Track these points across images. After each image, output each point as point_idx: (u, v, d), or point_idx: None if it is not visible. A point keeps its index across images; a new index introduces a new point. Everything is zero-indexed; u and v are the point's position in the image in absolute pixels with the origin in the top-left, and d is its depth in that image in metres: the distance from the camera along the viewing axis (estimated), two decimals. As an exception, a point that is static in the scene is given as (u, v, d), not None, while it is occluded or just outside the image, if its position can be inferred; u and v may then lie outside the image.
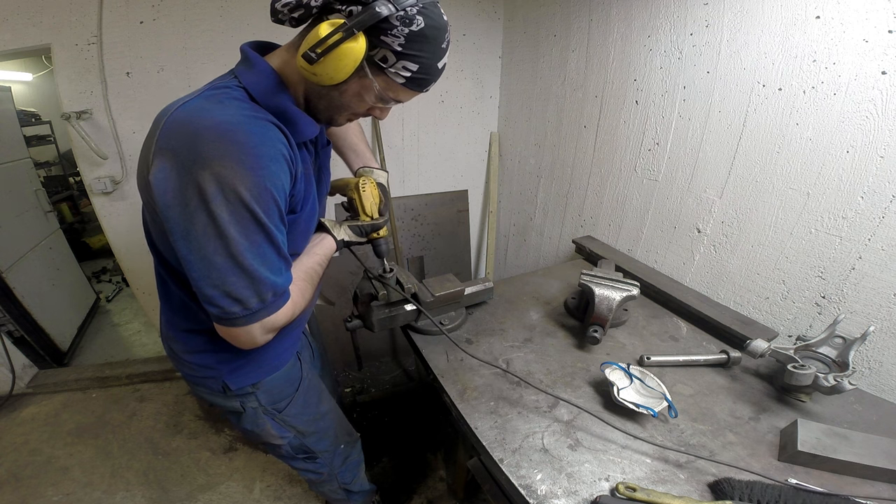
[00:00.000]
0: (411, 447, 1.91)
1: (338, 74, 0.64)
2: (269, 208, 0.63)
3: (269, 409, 0.97)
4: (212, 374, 0.89)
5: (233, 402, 0.94)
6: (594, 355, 1.13)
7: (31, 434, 1.94)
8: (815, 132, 1.10)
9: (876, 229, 1.02)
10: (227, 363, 0.89)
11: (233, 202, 0.60)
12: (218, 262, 0.62)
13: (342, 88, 0.69)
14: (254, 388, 0.93)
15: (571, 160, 1.93)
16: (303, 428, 1.05)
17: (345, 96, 0.71)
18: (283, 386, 0.99)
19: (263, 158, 0.62)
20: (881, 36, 0.95)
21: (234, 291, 0.64)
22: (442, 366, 1.08)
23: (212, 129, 0.59)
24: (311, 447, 1.09)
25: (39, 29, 1.55)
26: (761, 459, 0.83)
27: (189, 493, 1.70)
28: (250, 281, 0.65)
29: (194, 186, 0.58)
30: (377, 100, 0.72)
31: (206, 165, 0.58)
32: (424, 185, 2.43)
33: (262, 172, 0.61)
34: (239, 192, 0.59)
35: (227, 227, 0.60)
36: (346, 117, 0.77)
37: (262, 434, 1.01)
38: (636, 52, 1.52)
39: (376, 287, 1.08)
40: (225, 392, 0.91)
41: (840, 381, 0.87)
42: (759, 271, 1.28)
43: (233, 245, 0.62)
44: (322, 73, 0.64)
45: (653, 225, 1.59)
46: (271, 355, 0.94)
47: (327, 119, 0.77)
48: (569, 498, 0.75)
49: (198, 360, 0.89)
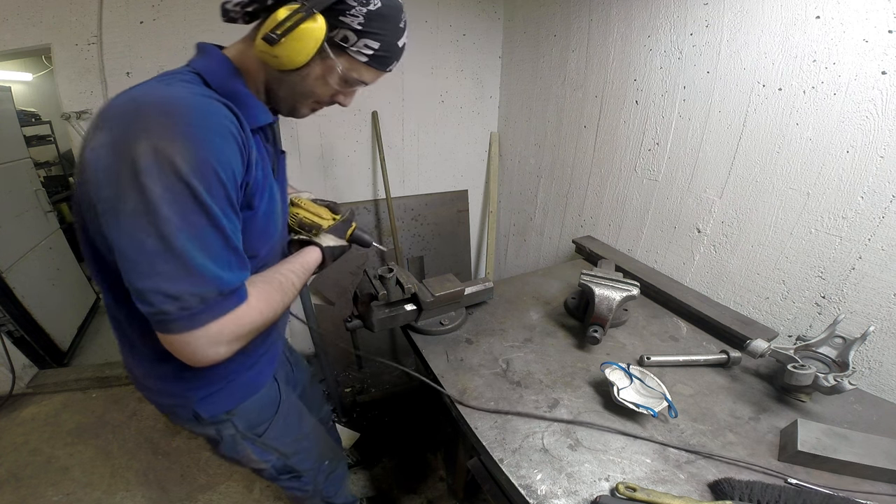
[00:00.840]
0: (411, 447, 1.91)
1: (299, 56, 0.63)
2: (211, 186, 0.56)
3: (247, 434, 0.90)
4: (180, 403, 0.81)
5: (208, 430, 0.86)
6: (594, 355, 1.13)
7: (31, 434, 1.94)
8: (815, 132, 1.10)
9: (876, 229, 1.02)
10: (195, 389, 0.80)
11: (167, 175, 0.53)
12: (148, 246, 0.54)
13: (304, 72, 0.68)
14: (228, 414, 0.86)
15: (571, 160, 1.93)
16: (285, 449, 1.00)
17: (308, 80, 0.69)
18: (261, 409, 0.92)
19: (207, 132, 0.56)
20: (881, 36, 0.95)
21: (167, 283, 0.55)
22: (442, 366, 1.08)
23: (153, 104, 0.56)
24: (295, 467, 1.04)
25: (39, 29, 1.55)
26: (761, 459, 0.83)
27: (189, 493, 1.70)
28: (186, 272, 0.55)
29: (128, 160, 0.52)
30: (341, 82, 0.71)
31: (141, 137, 0.53)
32: (424, 185, 2.43)
33: (205, 145, 0.55)
34: (175, 164, 0.53)
35: (160, 204, 0.53)
36: (310, 106, 0.76)
37: (242, 460, 0.95)
38: (636, 52, 1.52)
39: (376, 287, 1.08)
40: (198, 420, 0.83)
41: (840, 381, 0.87)
42: (759, 271, 1.28)
43: (164, 225, 0.53)
44: (283, 55, 0.63)
45: (653, 225, 1.59)
46: (246, 378, 0.87)
47: (290, 109, 0.75)
48: (569, 498, 0.75)
49: (162, 387, 0.80)
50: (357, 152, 2.18)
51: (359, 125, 2.12)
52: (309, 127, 2.00)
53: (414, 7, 2.01)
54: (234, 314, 0.61)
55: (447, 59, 2.18)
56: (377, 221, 2.36)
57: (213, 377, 0.81)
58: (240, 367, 0.84)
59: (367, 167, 2.24)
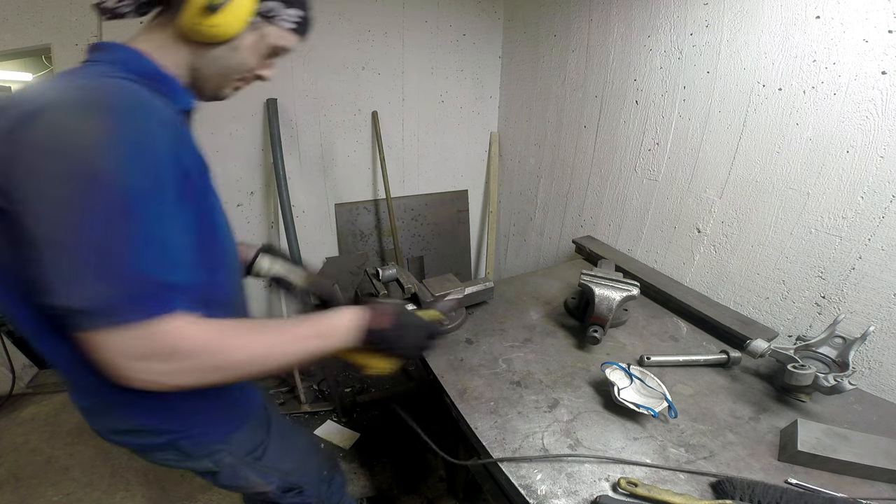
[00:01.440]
0: (411, 447, 1.91)
1: (237, 23, 0.64)
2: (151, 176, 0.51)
3: (246, 459, 0.85)
4: (163, 440, 0.73)
5: (203, 463, 0.79)
6: (594, 355, 1.13)
7: (31, 434, 1.94)
8: (815, 132, 1.10)
9: (876, 229, 1.02)
10: (180, 418, 0.72)
11: (101, 165, 0.48)
12: (61, 235, 0.48)
13: (235, 43, 0.67)
14: (224, 443, 0.79)
15: (571, 160, 1.93)
16: (285, 467, 0.96)
17: (239, 52, 0.69)
18: (254, 433, 0.88)
19: (130, 107, 0.53)
20: (881, 36, 0.95)
21: (76, 269, 0.48)
22: (442, 366, 1.08)
23: (50, 88, 0.52)
24: (297, 483, 1.00)
25: (39, 29, 1.55)
26: (761, 459, 0.83)
27: (189, 492, 1.69)
28: (101, 257, 0.49)
29: (25, 150, 0.48)
30: (269, 51, 0.72)
31: (70, 129, 0.49)
32: (424, 185, 2.43)
33: (140, 134, 0.52)
34: (108, 153, 0.49)
35: (93, 193, 0.48)
36: (235, 83, 0.75)
37: (246, 486, 0.89)
38: (636, 52, 1.52)
39: (377, 287, 1.08)
40: (190, 456, 0.76)
41: (840, 381, 0.87)
42: (759, 271, 1.28)
43: (86, 211, 0.48)
44: (223, 23, 0.63)
45: (653, 225, 1.59)
46: (233, 413, 0.82)
47: (216, 89, 0.74)
48: (569, 498, 0.75)
49: (138, 423, 0.70)
50: (357, 152, 2.18)
51: (359, 125, 2.12)
52: (309, 127, 2.01)
53: (414, 7, 2.01)
54: (159, 326, 0.51)
55: (447, 59, 2.18)
56: (377, 221, 2.36)
57: (201, 398, 0.73)
58: (225, 393, 0.79)
59: (367, 167, 2.24)
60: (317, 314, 0.68)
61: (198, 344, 0.54)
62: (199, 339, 0.55)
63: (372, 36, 1.98)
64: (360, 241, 2.35)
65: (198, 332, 0.55)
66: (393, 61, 2.07)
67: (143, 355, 0.51)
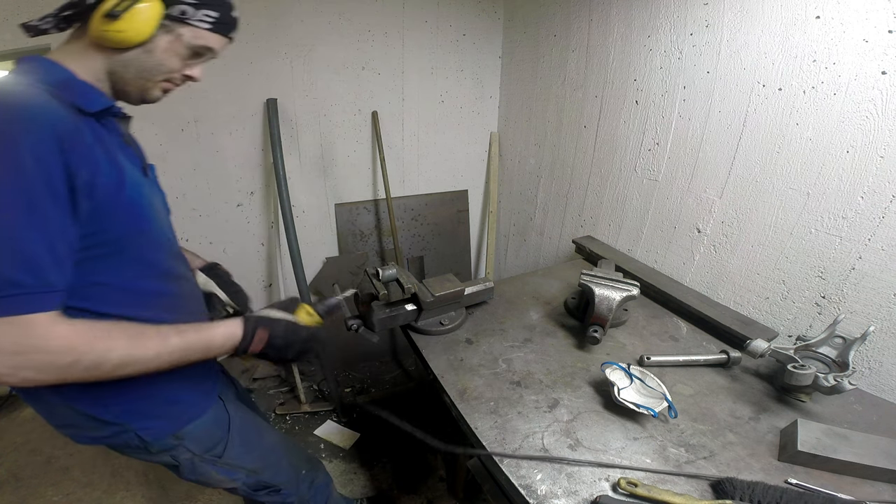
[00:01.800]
0: (411, 447, 1.91)
1: (145, 27, 0.65)
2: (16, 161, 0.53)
3: (205, 456, 0.88)
4: (119, 430, 0.77)
5: (163, 457, 0.83)
6: (594, 355, 1.13)
7: (31, 434, 1.94)
8: (815, 132, 1.10)
9: (876, 229, 1.02)
10: (131, 415, 0.77)
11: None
12: None
13: (150, 47, 0.68)
14: (176, 438, 0.82)
15: (571, 160, 1.93)
16: (252, 466, 0.97)
17: (155, 54, 0.70)
18: (212, 430, 0.89)
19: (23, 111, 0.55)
20: (881, 36, 0.95)
21: None
22: (442, 366, 1.08)
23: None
24: (269, 482, 1.02)
25: (39, 29, 1.55)
26: (761, 459, 0.83)
27: (189, 492, 1.69)
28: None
29: None
30: (189, 52, 0.73)
31: None
32: (424, 185, 2.43)
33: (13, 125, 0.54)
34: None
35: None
36: (161, 85, 0.75)
37: (210, 481, 0.92)
38: (636, 52, 1.52)
39: (377, 287, 1.08)
40: (147, 449, 0.80)
41: (840, 381, 0.87)
42: (759, 271, 1.28)
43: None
44: (128, 28, 0.64)
45: (653, 225, 1.59)
46: (180, 404, 0.84)
47: (140, 91, 0.74)
48: (569, 498, 0.75)
49: (97, 413, 0.74)
50: (357, 152, 2.18)
51: (359, 125, 2.12)
52: (309, 127, 2.01)
53: (414, 7, 2.01)
54: (25, 321, 0.54)
55: (447, 59, 2.18)
56: (377, 221, 2.36)
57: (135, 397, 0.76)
58: (157, 388, 0.80)
59: (367, 167, 2.24)
60: (202, 324, 0.73)
61: (62, 346, 0.57)
62: (66, 341, 0.57)
63: (372, 36, 1.98)
64: (360, 241, 2.35)
65: (69, 334, 0.57)
66: (393, 61, 2.07)
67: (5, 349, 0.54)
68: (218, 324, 0.74)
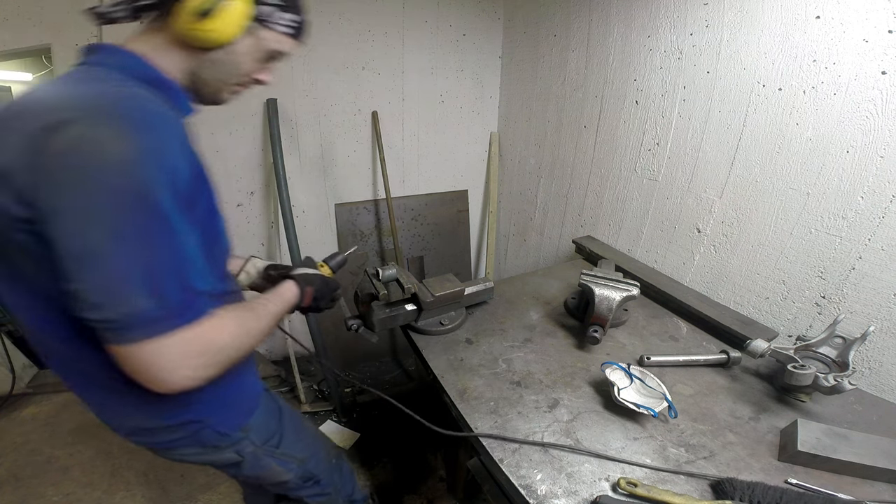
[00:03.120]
0: (411, 447, 1.91)
1: (232, 28, 0.65)
2: (167, 188, 0.53)
3: (265, 447, 0.90)
4: (199, 428, 0.77)
5: (227, 454, 0.84)
6: (594, 355, 1.13)
7: (31, 434, 1.94)
8: (815, 132, 1.10)
9: (876, 229, 1.02)
10: (211, 410, 0.78)
11: (133, 175, 0.50)
12: (96, 251, 0.50)
13: (232, 48, 0.68)
14: (244, 431, 0.85)
15: (571, 160, 1.93)
16: (301, 455, 1.00)
17: (236, 56, 0.70)
18: (268, 421, 0.93)
19: (151, 120, 0.54)
20: (881, 36, 0.95)
21: (114, 283, 0.50)
22: (442, 366, 1.08)
23: (74, 96, 0.53)
24: (312, 471, 1.04)
25: (39, 29, 1.55)
26: (761, 459, 0.83)
27: (189, 492, 1.69)
28: (137, 271, 0.51)
29: (55, 160, 0.49)
30: (266, 56, 0.73)
31: (67, 131, 0.49)
32: (424, 185, 2.43)
33: (147, 136, 0.53)
34: (137, 165, 0.51)
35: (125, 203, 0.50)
36: (233, 88, 0.75)
37: (269, 475, 0.94)
38: (636, 52, 1.52)
39: (377, 287, 1.08)
40: (218, 445, 0.81)
41: (840, 381, 0.87)
42: (759, 271, 1.28)
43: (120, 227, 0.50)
44: (218, 28, 0.63)
45: (653, 225, 1.59)
46: (245, 394, 0.87)
47: (214, 93, 0.74)
48: (569, 498, 0.75)
49: (177, 419, 0.75)
50: (357, 152, 2.18)
51: (359, 125, 2.12)
52: (309, 127, 2.01)
53: (414, 7, 2.01)
54: (200, 327, 0.57)
55: (447, 59, 2.18)
56: (377, 221, 2.36)
57: (219, 389, 0.76)
58: (235, 376, 0.81)
59: (367, 167, 2.24)
60: (269, 294, 0.80)
61: (223, 344, 0.61)
62: (223, 340, 0.61)
63: (372, 36, 1.98)
64: (360, 241, 2.35)
65: (221, 332, 0.61)
66: (393, 61, 2.07)
67: (180, 360, 0.55)
68: (281, 288, 0.81)
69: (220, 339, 0.60)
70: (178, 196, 0.55)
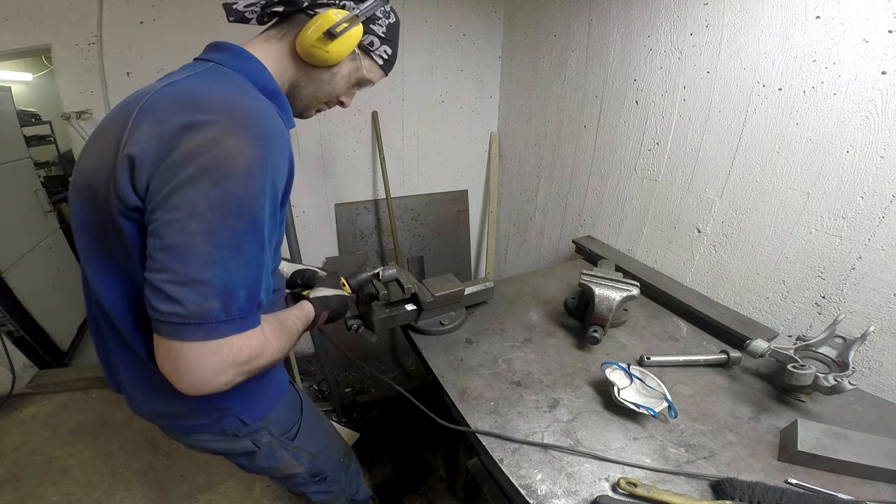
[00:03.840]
0: (411, 447, 1.91)
1: (343, 53, 0.70)
2: (270, 196, 0.56)
3: (281, 439, 0.91)
4: (223, 415, 0.79)
5: (244, 443, 0.85)
6: (594, 355, 1.12)
7: (31, 434, 1.94)
8: (815, 132, 1.10)
9: (876, 229, 1.02)
10: (238, 398, 0.78)
11: (252, 177, 0.53)
12: (192, 246, 0.51)
13: (335, 70, 0.73)
14: (265, 421, 0.86)
15: (571, 160, 1.93)
16: (313, 450, 1.01)
17: (335, 78, 0.75)
18: (289, 413, 0.94)
19: (273, 137, 0.57)
20: (881, 36, 0.95)
21: (194, 280, 0.51)
22: (442, 366, 1.08)
23: (214, 99, 0.56)
24: (321, 468, 1.06)
25: (39, 29, 1.55)
26: (761, 459, 0.83)
27: (189, 493, 1.69)
28: (221, 274, 0.53)
29: (184, 156, 0.51)
30: (356, 82, 0.78)
31: (203, 132, 0.52)
32: (424, 185, 2.43)
33: (269, 152, 0.55)
34: (247, 176, 0.53)
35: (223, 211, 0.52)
36: (320, 106, 0.80)
37: (281, 468, 0.95)
38: (636, 52, 1.52)
39: (377, 287, 1.08)
40: (237, 434, 0.82)
41: (840, 381, 0.87)
42: (759, 271, 1.28)
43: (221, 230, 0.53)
44: (335, 50, 0.68)
45: (653, 225, 1.59)
46: (273, 384, 0.88)
47: (305, 109, 0.79)
48: (569, 498, 0.75)
49: (206, 406, 0.76)
50: (357, 152, 2.18)
51: (359, 125, 2.12)
52: (309, 127, 2.01)
53: (414, 7, 2.01)
54: (249, 339, 0.58)
55: (447, 59, 2.18)
56: (377, 221, 2.36)
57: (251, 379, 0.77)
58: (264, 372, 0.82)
59: (367, 167, 2.24)
60: (290, 310, 0.78)
61: (260, 356, 0.61)
62: (262, 352, 0.61)
63: (372, 36, 1.98)
64: (360, 241, 2.35)
65: (264, 344, 0.61)
66: (393, 61, 2.07)
67: (224, 367, 0.56)
68: (305, 308, 0.81)
69: (261, 353, 0.61)
70: (274, 210, 0.58)
